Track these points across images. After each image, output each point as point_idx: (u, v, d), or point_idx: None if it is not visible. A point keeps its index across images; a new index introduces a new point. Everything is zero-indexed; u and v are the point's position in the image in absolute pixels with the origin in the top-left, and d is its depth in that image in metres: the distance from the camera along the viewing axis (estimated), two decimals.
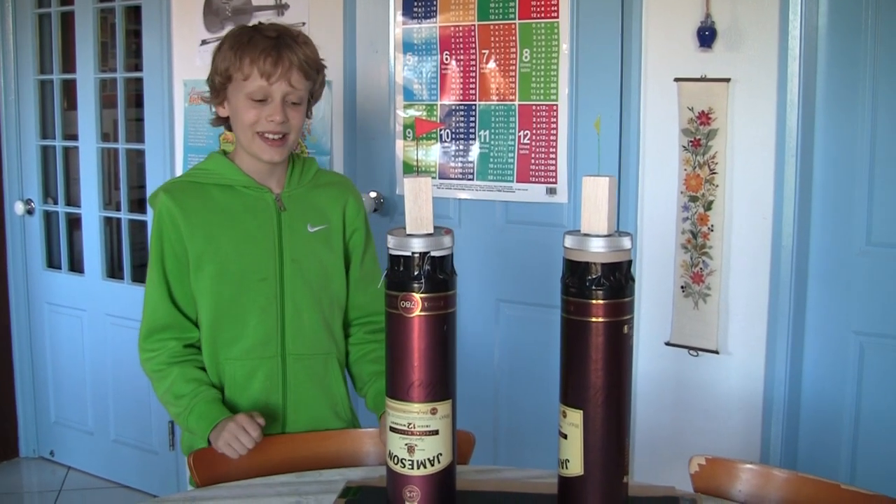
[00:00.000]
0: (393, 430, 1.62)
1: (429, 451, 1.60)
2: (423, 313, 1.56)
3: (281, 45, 2.19)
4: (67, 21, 4.48)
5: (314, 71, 2.26)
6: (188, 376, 2.25)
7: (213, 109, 2.35)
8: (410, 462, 1.60)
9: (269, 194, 2.28)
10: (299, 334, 2.28)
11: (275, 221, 2.27)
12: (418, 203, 1.57)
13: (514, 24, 3.20)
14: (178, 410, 2.23)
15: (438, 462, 1.61)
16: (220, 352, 2.27)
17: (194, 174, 2.32)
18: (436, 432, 1.60)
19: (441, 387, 1.60)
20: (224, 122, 2.34)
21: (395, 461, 1.62)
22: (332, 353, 2.35)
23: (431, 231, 1.58)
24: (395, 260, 1.57)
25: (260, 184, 2.28)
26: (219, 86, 2.28)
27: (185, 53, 4.00)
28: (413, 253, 1.55)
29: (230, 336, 2.26)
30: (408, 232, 1.58)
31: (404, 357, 1.59)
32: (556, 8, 3.12)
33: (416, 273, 1.55)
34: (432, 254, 1.55)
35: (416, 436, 1.59)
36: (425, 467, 1.60)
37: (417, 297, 1.55)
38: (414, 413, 1.59)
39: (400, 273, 1.56)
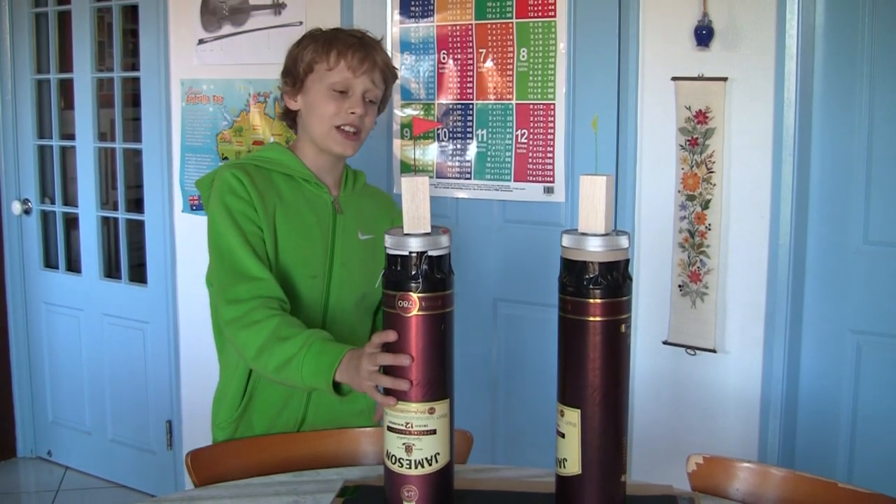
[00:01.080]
0: (391, 429, 1.62)
1: (427, 451, 1.60)
2: (420, 313, 1.56)
3: (367, 45, 2.24)
4: (64, 20, 4.48)
5: (392, 77, 2.31)
6: (292, 322, 2.02)
7: (282, 103, 2.34)
8: (408, 461, 1.60)
9: (327, 194, 2.27)
10: (338, 335, 2.16)
11: (331, 222, 2.26)
12: (416, 202, 1.57)
13: (512, 23, 3.20)
14: (290, 352, 1.95)
15: (436, 461, 1.61)
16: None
17: (256, 158, 2.28)
18: (433, 432, 1.60)
19: (439, 386, 1.60)
20: (289, 117, 2.33)
21: (393, 461, 1.62)
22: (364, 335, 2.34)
23: (429, 230, 1.58)
24: (392, 259, 1.57)
25: (320, 181, 2.28)
26: (301, 75, 2.26)
27: (182, 53, 4.00)
28: (410, 252, 1.55)
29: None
30: (405, 231, 1.58)
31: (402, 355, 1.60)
32: (553, 7, 3.12)
33: (413, 273, 1.55)
34: (430, 253, 1.55)
35: (413, 435, 1.59)
36: (423, 467, 1.60)
37: (415, 296, 1.55)
38: (412, 413, 1.59)
39: (397, 273, 1.57)
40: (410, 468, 1.60)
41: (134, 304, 4.35)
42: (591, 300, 1.48)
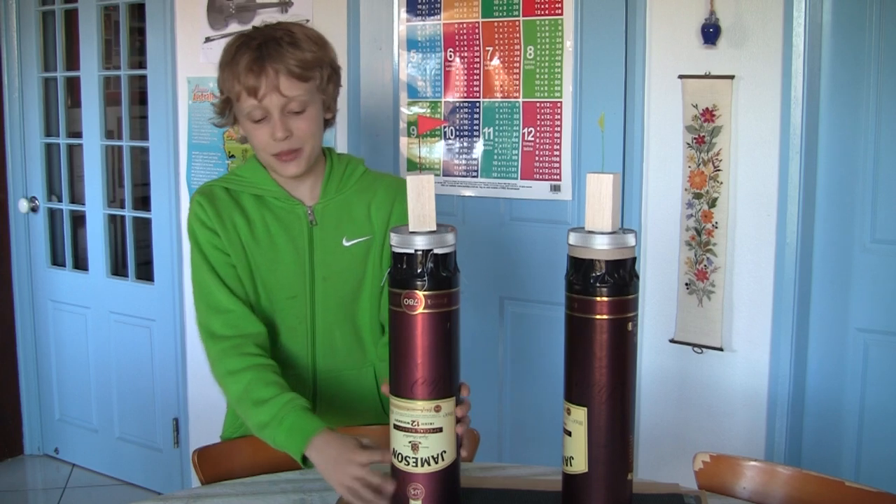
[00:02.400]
0: (397, 427, 1.62)
1: (433, 449, 1.60)
2: (426, 311, 1.56)
3: (263, 56, 2.03)
4: (71, 18, 4.48)
5: (309, 70, 2.06)
6: (265, 378, 1.99)
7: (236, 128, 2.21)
8: (415, 460, 1.60)
9: (300, 207, 2.16)
10: (330, 353, 2.20)
11: (305, 237, 2.15)
12: (421, 201, 1.57)
13: (518, 21, 3.20)
14: (263, 420, 1.94)
15: (442, 459, 1.61)
16: None
17: (229, 179, 2.20)
18: (440, 430, 1.60)
19: (445, 384, 1.60)
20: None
21: (400, 459, 1.62)
22: (365, 365, 2.26)
23: (434, 228, 1.57)
24: (398, 257, 1.57)
25: (292, 195, 2.16)
26: (223, 110, 2.16)
27: (188, 51, 4.00)
28: (416, 251, 1.55)
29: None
30: (411, 229, 1.57)
31: (408, 355, 1.59)
32: (560, 5, 3.12)
33: (419, 271, 1.55)
34: (435, 251, 1.55)
35: (419, 433, 1.59)
36: (429, 465, 1.60)
37: (420, 294, 1.55)
38: (418, 411, 1.59)
39: (403, 271, 1.56)
40: (417, 466, 1.60)
41: (141, 301, 4.36)
42: (598, 298, 1.48)
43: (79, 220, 4.65)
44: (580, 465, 1.54)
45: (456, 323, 1.61)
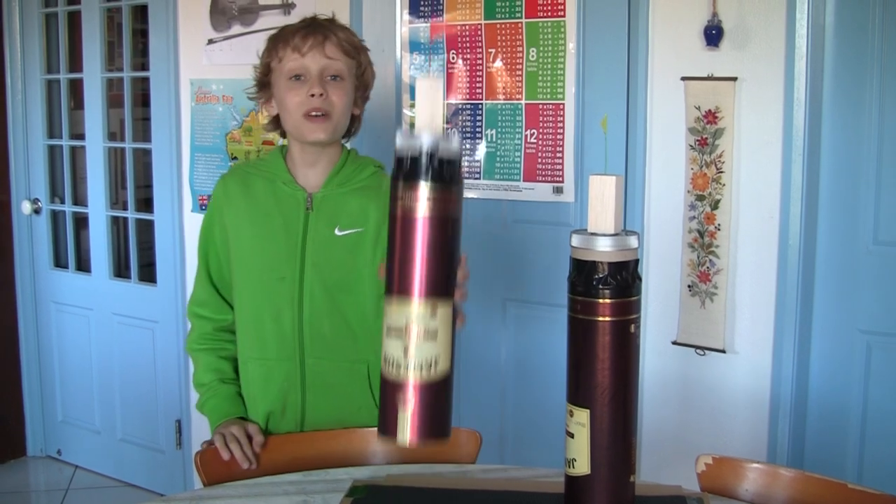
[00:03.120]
0: (389, 331, 1.49)
1: (426, 353, 1.48)
2: (428, 208, 1.47)
3: (314, 24, 2.19)
4: (74, 20, 4.49)
5: (354, 49, 2.22)
6: (211, 366, 2.31)
7: (266, 112, 2.33)
8: (406, 365, 1.47)
9: (301, 192, 2.23)
10: (319, 340, 2.23)
11: (301, 222, 2.22)
12: (429, 102, 1.50)
13: (521, 22, 3.20)
14: (199, 399, 2.33)
15: (435, 367, 1.48)
16: (243, 347, 2.29)
17: (251, 163, 2.37)
18: (434, 334, 1.48)
19: (441, 286, 1.49)
20: (276, 124, 2.30)
21: (390, 365, 1.48)
22: (359, 363, 2.26)
23: (440, 131, 1.49)
24: (402, 156, 1.48)
25: (299, 182, 2.25)
26: (263, 79, 2.26)
27: (191, 53, 4.00)
28: (420, 150, 1.47)
29: (250, 334, 2.26)
30: (417, 130, 1.49)
31: (406, 254, 1.48)
32: (562, 7, 3.12)
33: (422, 170, 1.47)
34: (439, 152, 1.47)
35: (412, 337, 1.47)
36: (421, 371, 1.47)
37: (422, 194, 1.46)
38: (412, 312, 1.47)
39: (405, 171, 1.48)
40: (409, 372, 1.47)
41: (143, 303, 4.36)
42: (601, 300, 1.48)
43: (81, 222, 4.66)
44: (583, 467, 1.54)
45: (458, 227, 1.52)
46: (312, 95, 2.14)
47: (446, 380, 1.51)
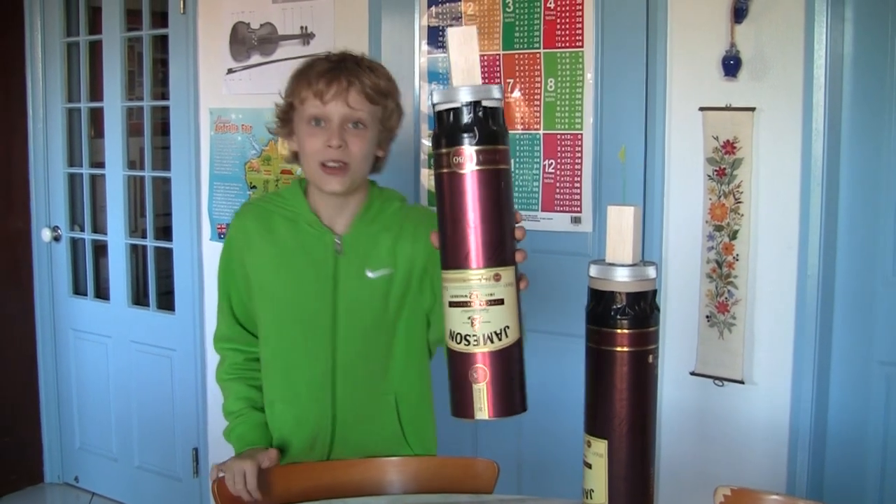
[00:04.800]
0: (452, 304, 1.42)
1: (495, 324, 1.41)
2: (477, 167, 1.40)
3: (340, 67, 2.10)
4: (95, 50, 4.52)
5: (379, 95, 2.12)
6: (241, 394, 2.28)
7: (287, 146, 2.25)
8: (476, 337, 1.41)
9: (329, 235, 2.16)
10: (351, 381, 2.20)
11: (331, 266, 2.16)
12: (464, 53, 1.44)
13: (539, 53, 3.21)
14: (227, 427, 2.30)
15: (506, 335, 1.43)
16: (270, 389, 2.26)
17: (269, 198, 2.27)
18: (500, 301, 1.41)
19: (502, 250, 1.43)
20: (296, 157, 2.21)
21: (458, 340, 1.42)
22: (388, 394, 2.25)
23: (479, 82, 1.44)
24: (442, 115, 1.44)
25: (325, 223, 2.18)
26: (284, 116, 2.19)
27: (211, 82, 4.03)
28: (462, 104, 1.40)
29: (278, 377, 2.24)
30: (455, 84, 1.43)
31: (459, 220, 1.42)
32: (580, 37, 3.13)
33: (467, 124, 1.40)
34: (483, 103, 1.41)
35: (479, 307, 1.40)
36: (492, 342, 1.41)
37: (470, 150, 1.40)
38: (475, 280, 1.40)
39: (449, 127, 1.43)
40: (478, 344, 1.41)
41: (162, 331, 4.37)
42: (619, 330, 1.48)
43: (101, 250, 4.67)
44: (600, 497, 1.54)
45: (509, 183, 1.45)
46: (330, 146, 2.08)
47: (518, 347, 1.47)
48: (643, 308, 1.48)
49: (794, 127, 2.75)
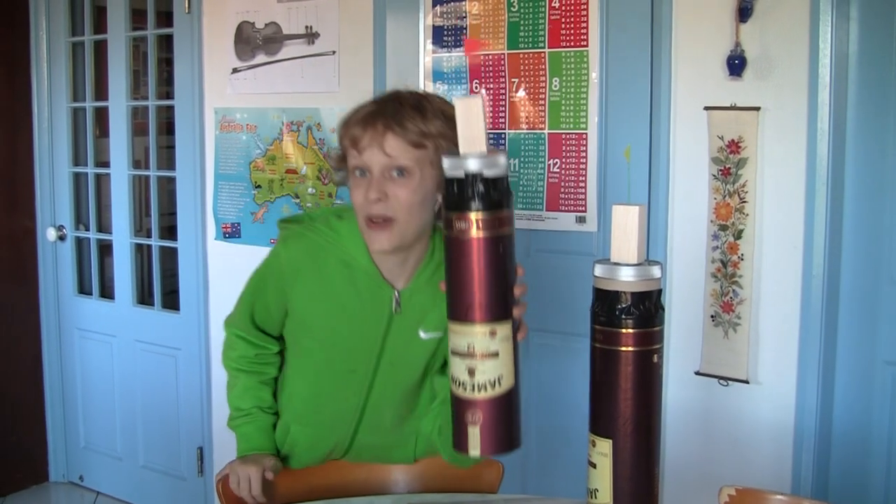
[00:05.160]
0: (454, 353, 1.54)
1: (489, 374, 1.54)
2: (479, 233, 1.50)
3: (379, 111, 1.94)
4: (100, 50, 4.52)
5: (425, 137, 1.92)
6: (252, 390, 2.23)
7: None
8: (472, 385, 1.54)
9: (388, 291, 2.04)
10: (377, 421, 2.18)
11: (385, 323, 2.06)
12: (469, 123, 1.50)
13: (544, 52, 3.21)
14: (233, 421, 2.25)
15: (499, 384, 1.55)
16: (289, 411, 2.24)
17: (322, 233, 2.06)
18: (496, 354, 1.54)
19: (499, 308, 1.54)
20: None
21: (458, 385, 1.55)
22: (409, 431, 2.24)
23: (484, 150, 1.51)
24: (449, 182, 1.51)
25: (384, 277, 2.04)
26: (338, 165, 2.05)
27: (216, 82, 4.03)
28: (466, 173, 1.49)
29: (302, 405, 2.21)
30: (461, 152, 1.51)
31: (463, 279, 1.53)
32: (585, 37, 3.13)
33: (470, 193, 1.49)
34: (485, 173, 1.49)
35: (476, 358, 1.53)
36: (486, 390, 1.54)
37: (473, 216, 1.49)
38: (473, 335, 1.53)
39: (455, 194, 1.50)
40: (474, 392, 1.54)
41: (166, 330, 4.37)
42: (623, 330, 1.48)
43: (106, 249, 4.68)
44: (605, 497, 1.54)
45: (510, 247, 1.55)
46: (369, 199, 1.92)
47: (511, 393, 1.57)
48: (648, 307, 1.48)
49: (800, 126, 2.74)
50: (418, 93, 2.01)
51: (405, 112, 1.92)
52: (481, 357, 1.53)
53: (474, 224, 1.49)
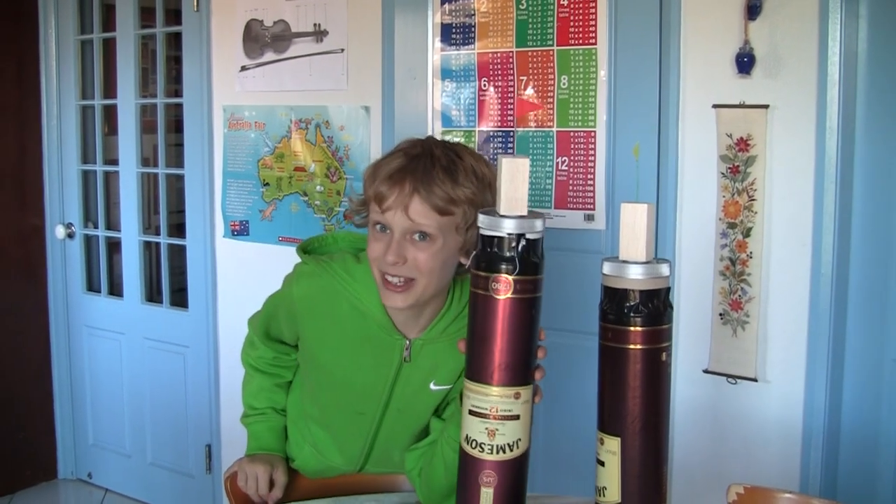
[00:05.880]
0: (473, 413, 1.54)
1: (509, 436, 1.54)
2: (512, 296, 1.50)
3: (409, 169, 1.84)
4: (109, 47, 4.53)
5: (453, 205, 1.84)
6: (267, 391, 2.26)
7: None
8: (490, 447, 1.54)
9: (400, 341, 1.98)
10: (382, 465, 2.18)
11: (394, 371, 2.01)
12: (514, 184, 1.51)
13: (552, 50, 3.21)
14: (246, 418, 2.27)
15: (517, 447, 1.56)
16: (300, 435, 2.23)
17: (339, 276, 1.99)
18: (517, 417, 1.54)
19: (524, 371, 1.55)
20: None
21: (473, 445, 1.55)
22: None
23: (525, 213, 1.52)
24: (486, 240, 1.51)
25: (397, 327, 1.98)
26: (358, 209, 1.97)
27: (224, 79, 4.03)
28: (506, 234, 1.49)
29: (313, 430, 2.19)
30: (501, 213, 1.51)
31: (489, 339, 1.53)
32: (593, 34, 3.13)
33: (508, 255, 1.49)
34: (527, 236, 1.50)
35: (497, 420, 1.53)
36: (504, 452, 1.55)
37: (508, 279, 1.49)
38: (496, 397, 1.53)
39: (491, 254, 1.50)
40: (492, 453, 1.54)
41: (175, 328, 4.38)
42: (632, 328, 1.47)
43: (114, 247, 4.69)
44: (613, 495, 1.53)
45: (538, 310, 1.56)
46: (387, 260, 1.84)
47: (525, 456, 1.59)
48: (656, 305, 1.48)
49: (808, 124, 2.74)
50: (452, 149, 1.91)
51: (435, 175, 1.83)
52: (503, 419, 1.53)
53: (512, 286, 1.50)
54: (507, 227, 1.49)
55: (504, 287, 1.49)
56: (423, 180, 1.81)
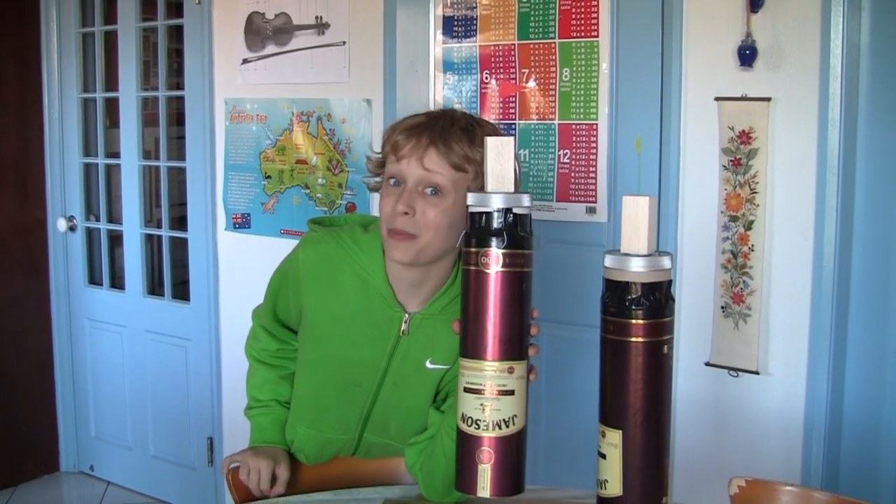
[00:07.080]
0: (467, 390, 1.55)
1: (504, 412, 1.55)
2: (502, 269, 1.53)
3: (429, 125, 1.88)
4: (110, 40, 4.53)
5: (467, 161, 1.86)
6: (270, 383, 2.25)
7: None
8: (485, 423, 1.55)
9: (399, 313, 1.99)
10: (382, 432, 2.16)
11: (391, 344, 2.02)
12: (500, 161, 1.54)
13: (554, 43, 3.20)
14: (249, 410, 2.27)
15: (513, 423, 1.57)
16: (297, 414, 2.22)
17: (346, 244, 2.01)
18: (511, 392, 1.55)
19: (518, 346, 1.56)
20: None
21: (469, 423, 1.56)
22: (412, 433, 2.16)
23: (512, 189, 1.55)
24: (475, 217, 1.54)
25: (398, 299, 1.99)
26: (376, 170, 2.00)
27: (226, 72, 4.03)
28: (494, 209, 1.52)
29: (307, 410, 2.19)
30: (489, 189, 1.55)
31: (481, 314, 1.54)
32: (595, 27, 3.12)
33: (496, 228, 1.52)
34: (514, 210, 1.52)
35: (491, 395, 1.54)
36: (500, 428, 1.55)
37: (497, 252, 1.52)
38: (490, 371, 1.54)
39: (480, 229, 1.54)
40: (487, 430, 1.55)
41: (177, 321, 4.38)
42: (634, 321, 1.47)
43: (116, 240, 4.69)
44: (615, 488, 1.54)
45: (529, 285, 1.58)
46: (396, 211, 1.86)
47: (521, 434, 1.60)
48: (658, 298, 1.48)
49: (811, 117, 2.74)
50: (472, 116, 1.95)
51: (454, 132, 1.86)
52: (497, 394, 1.54)
53: (501, 259, 1.52)
54: (495, 203, 1.52)
55: (494, 260, 1.52)
56: (442, 135, 1.85)
